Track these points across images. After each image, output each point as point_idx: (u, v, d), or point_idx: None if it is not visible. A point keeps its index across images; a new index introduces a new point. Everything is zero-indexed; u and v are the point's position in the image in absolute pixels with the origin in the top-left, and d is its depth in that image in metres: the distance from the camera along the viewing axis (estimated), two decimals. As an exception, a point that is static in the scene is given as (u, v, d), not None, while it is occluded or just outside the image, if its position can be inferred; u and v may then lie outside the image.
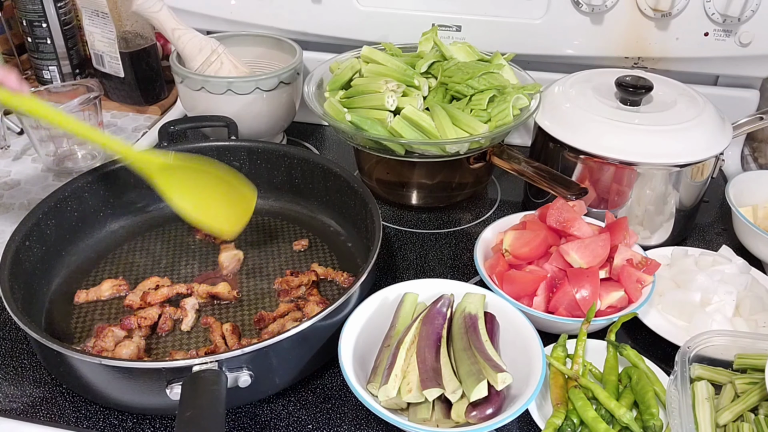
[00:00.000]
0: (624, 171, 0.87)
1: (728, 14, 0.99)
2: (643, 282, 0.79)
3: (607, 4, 1.02)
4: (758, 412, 0.65)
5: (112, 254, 0.91)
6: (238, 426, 0.70)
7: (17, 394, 0.72)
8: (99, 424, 0.69)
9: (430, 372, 0.66)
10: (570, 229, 0.80)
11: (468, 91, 0.91)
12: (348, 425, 0.70)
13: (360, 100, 0.92)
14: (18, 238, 0.78)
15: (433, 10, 1.09)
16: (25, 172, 1.09)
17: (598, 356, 0.74)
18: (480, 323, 0.70)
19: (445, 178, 1.02)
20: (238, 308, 0.82)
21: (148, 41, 1.23)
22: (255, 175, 0.98)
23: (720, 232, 1.00)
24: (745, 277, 0.82)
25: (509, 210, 1.03)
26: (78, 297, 0.83)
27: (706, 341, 0.69)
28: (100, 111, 1.09)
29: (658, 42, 1.05)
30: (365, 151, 0.94)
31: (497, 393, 0.64)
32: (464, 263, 0.93)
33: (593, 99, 0.92)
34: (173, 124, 1.00)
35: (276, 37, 1.15)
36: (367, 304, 0.74)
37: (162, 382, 0.63)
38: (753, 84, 1.11)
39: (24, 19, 1.24)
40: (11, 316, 0.68)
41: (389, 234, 0.98)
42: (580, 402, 0.67)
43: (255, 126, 1.07)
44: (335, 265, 0.90)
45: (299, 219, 0.98)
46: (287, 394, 0.73)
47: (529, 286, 0.77)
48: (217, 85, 1.02)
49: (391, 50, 1.02)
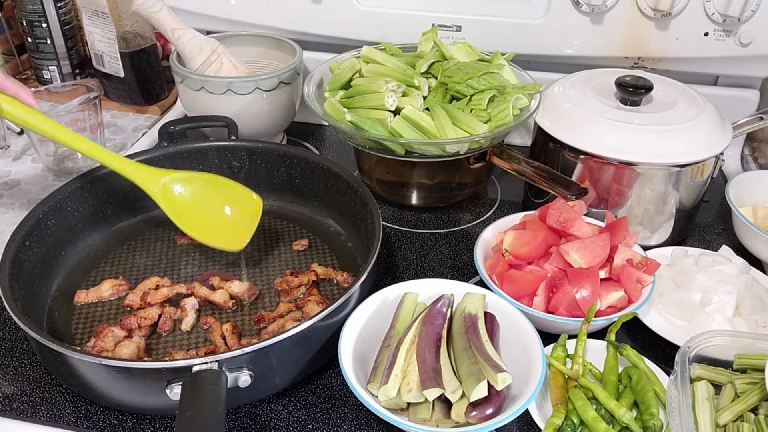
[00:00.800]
0: (624, 171, 0.87)
1: (728, 14, 0.99)
2: (643, 282, 0.79)
3: (607, 4, 1.02)
4: (758, 412, 0.65)
5: (112, 254, 0.91)
6: (238, 426, 0.70)
7: (17, 394, 0.72)
8: (99, 424, 0.69)
9: (430, 372, 0.66)
10: (570, 229, 0.80)
11: (468, 91, 0.91)
12: (348, 425, 0.70)
13: (360, 100, 0.92)
14: (18, 238, 0.78)
15: (433, 10, 1.09)
16: (25, 172, 1.09)
17: (598, 356, 0.74)
18: (480, 323, 0.70)
19: (445, 178, 1.02)
20: (238, 308, 0.82)
21: (148, 41, 1.23)
22: (255, 175, 0.98)
23: (720, 232, 1.00)
24: (745, 277, 0.82)
25: (509, 210, 1.03)
26: (78, 297, 0.83)
27: (706, 341, 0.69)
28: (100, 111, 1.09)
29: (658, 42, 1.05)
30: (365, 151, 0.94)
31: (497, 393, 0.64)
32: (464, 263, 0.93)
33: (593, 99, 0.92)
34: (173, 124, 1.00)
35: (276, 37, 1.15)
36: (367, 304, 0.74)
37: (162, 382, 0.63)
38: (753, 84, 1.11)
39: (24, 19, 1.24)
40: (11, 316, 0.68)
41: (389, 234, 0.98)
42: (580, 402, 0.67)
43: (255, 126, 1.07)
44: (335, 265, 0.90)
45: (299, 219, 0.98)
46: (287, 394, 0.73)
47: (529, 286, 0.77)
48: (217, 85, 1.02)
49: (391, 50, 1.02)
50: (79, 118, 1.05)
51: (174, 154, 0.96)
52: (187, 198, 0.85)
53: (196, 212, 0.86)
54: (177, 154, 0.96)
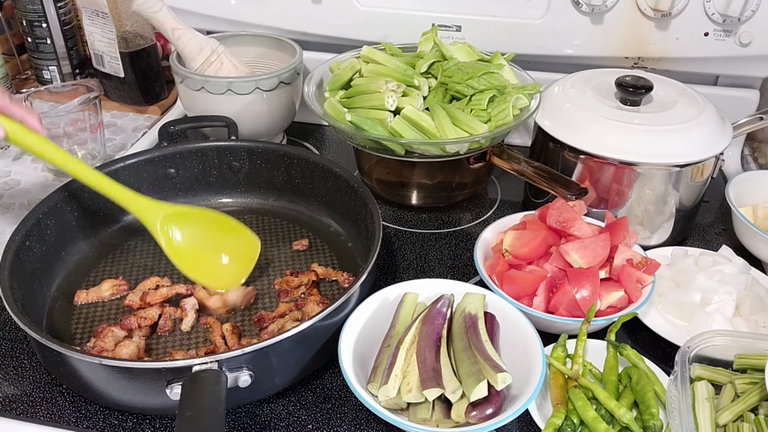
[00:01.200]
0: (624, 171, 0.87)
1: (728, 14, 0.99)
2: (643, 282, 0.79)
3: (607, 4, 1.02)
4: (758, 412, 0.65)
5: (112, 254, 0.91)
6: (238, 426, 0.70)
7: (17, 394, 0.72)
8: (99, 424, 0.69)
9: (430, 372, 0.66)
10: (570, 229, 0.80)
11: (468, 91, 0.91)
12: (348, 425, 0.70)
13: (360, 100, 0.92)
14: (18, 238, 0.78)
15: (433, 10, 1.09)
16: (25, 172, 1.09)
17: (598, 356, 0.74)
18: (480, 323, 0.70)
19: (445, 178, 1.02)
20: (238, 308, 0.82)
21: (148, 41, 1.23)
22: (255, 175, 0.98)
23: (720, 232, 1.00)
24: (745, 277, 0.82)
25: (509, 210, 1.03)
26: (78, 297, 0.83)
27: (706, 341, 0.69)
28: (100, 111, 1.09)
29: (658, 42, 1.05)
30: (365, 151, 0.94)
31: (497, 393, 0.64)
32: (464, 263, 0.93)
33: (593, 99, 0.92)
34: (173, 124, 1.00)
35: (276, 37, 1.15)
36: (367, 304, 0.74)
37: (162, 382, 0.63)
38: (753, 84, 1.11)
39: (24, 19, 1.24)
40: (11, 316, 0.68)
41: (389, 234, 0.98)
42: (580, 402, 0.67)
43: (255, 126, 1.07)
44: (335, 265, 0.90)
45: (299, 219, 0.98)
46: (287, 394, 0.73)
47: (529, 286, 0.77)
48: (217, 85, 1.02)
49: (391, 50, 1.02)
50: (79, 118, 1.05)
51: (174, 154, 0.96)
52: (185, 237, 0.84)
53: (193, 251, 0.84)
54: (177, 154, 0.96)
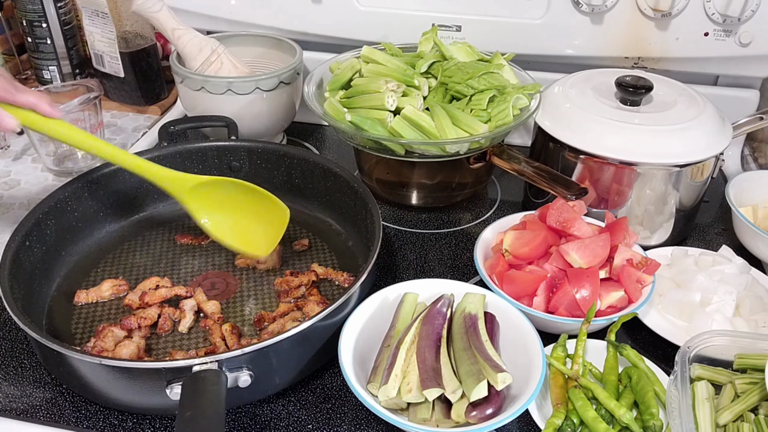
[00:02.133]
0: (624, 171, 0.87)
1: (728, 14, 0.99)
2: (643, 282, 0.79)
3: (607, 4, 1.02)
4: (758, 412, 0.65)
5: (112, 254, 0.91)
6: (238, 426, 0.70)
7: (17, 394, 0.72)
8: (99, 424, 0.69)
9: (430, 372, 0.66)
10: (570, 229, 0.80)
11: (468, 91, 0.91)
12: (348, 425, 0.70)
13: (360, 100, 0.92)
14: (18, 238, 0.78)
15: (433, 10, 1.09)
16: (25, 172, 1.09)
17: (598, 356, 0.74)
18: (480, 323, 0.70)
19: (445, 178, 1.02)
20: (238, 308, 0.82)
21: (148, 41, 1.23)
22: (255, 175, 0.98)
23: (720, 232, 1.00)
24: (745, 277, 0.82)
25: (509, 210, 1.03)
26: (78, 297, 0.83)
27: (706, 341, 0.69)
28: (100, 111, 1.09)
29: (658, 42, 1.05)
30: (365, 151, 0.94)
31: (497, 393, 0.64)
32: (464, 263, 0.93)
33: (593, 99, 0.92)
34: (173, 124, 1.00)
35: (276, 37, 1.15)
36: (367, 304, 0.74)
37: (162, 382, 0.63)
38: (753, 84, 1.11)
39: (24, 19, 1.24)
40: (11, 316, 0.68)
41: (389, 234, 0.98)
42: (580, 402, 0.67)
43: (255, 126, 1.07)
44: (335, 265, 0.90)
45: (299, 219, 0.97)
46: (287, 394, 0.73)
47: (529, 286, 0.77)
48: (217, 85, 1.02)
49: (391, 50, 1.02)
50: (79, 118, 1.05)
51: (174, 154, 0.96)
52: (216, 203, 0.84)
53: (224, 217, 0.85)
54: (177, 154, 0.96)
